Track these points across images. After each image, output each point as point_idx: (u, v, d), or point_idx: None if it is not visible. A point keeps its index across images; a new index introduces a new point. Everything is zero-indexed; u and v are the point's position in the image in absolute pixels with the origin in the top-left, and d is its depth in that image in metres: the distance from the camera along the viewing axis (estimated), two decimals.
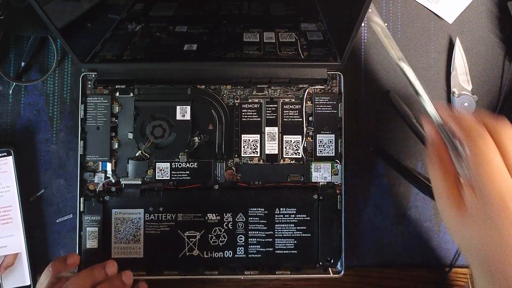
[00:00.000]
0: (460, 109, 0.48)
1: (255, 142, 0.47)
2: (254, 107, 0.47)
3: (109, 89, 0.47)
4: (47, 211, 0.48)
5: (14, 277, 0.46)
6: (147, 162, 0.46)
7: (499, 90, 0.50)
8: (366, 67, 0.50)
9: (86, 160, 0.46)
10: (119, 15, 0.50)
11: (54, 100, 0.49)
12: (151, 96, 0.47)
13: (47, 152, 0.48)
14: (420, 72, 0.50)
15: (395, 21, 0.50)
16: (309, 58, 0.46)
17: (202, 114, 0.47)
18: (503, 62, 0.50)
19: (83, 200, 0.46)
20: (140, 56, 0.46)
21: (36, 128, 0.49)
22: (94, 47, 0.46)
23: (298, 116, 0.47)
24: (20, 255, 0.46)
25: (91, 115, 0.46)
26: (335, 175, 0.47)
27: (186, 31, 0.49)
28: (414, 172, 0.48)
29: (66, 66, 0.49)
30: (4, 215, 0.46)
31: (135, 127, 0.46)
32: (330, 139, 0.47)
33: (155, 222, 0.46)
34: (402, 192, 0.49)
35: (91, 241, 0.45)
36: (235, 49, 0.47)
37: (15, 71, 0.49)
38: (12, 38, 0.49)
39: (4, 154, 0.46)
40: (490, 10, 0.50)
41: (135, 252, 0.46)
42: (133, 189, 0.46)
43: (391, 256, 0.48)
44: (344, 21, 0.42)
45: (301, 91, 0.48)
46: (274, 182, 0.47)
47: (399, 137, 0.49)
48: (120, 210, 0.46)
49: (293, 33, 0.49)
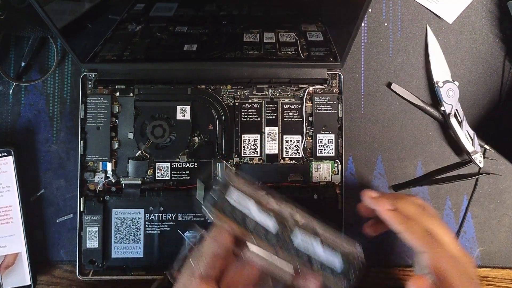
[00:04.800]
0: (446, 98, 0.48)
1: (255, 142, 0.47)
2: (254, 107, 0.47)
3: (109, 89, 0.47)
4: (47, 211, 0.48)
5: (14, 277, 0.46)
6: (147, 162, 0.46)
7: (499, 90, 0.50)
8: (366, 67, 0.50)
9: (86, 160, 0.46)
10: (119, 15, 0.50)
11: (54, 100, 0.49)
12: (151, 96, 0.47)
13: (47, 152, 0.48)
14: (420, 72, 0.50)
15: (395, 21, 0.50)
16: (309, 58, 0.46)
17: (202, 114, 0.47)
18: (503, 62, 0.50)
19: (83, 200, 0.46)
20: (140, 56, 0.46)
21: (36, 128, 0.49)
22: (94, 47, 0.46)
23: (298, 116, 0.47)
24: (20, 255, 0.46)
25: (91, 115, 0.46)
26: (335, 175, 0.47)
27: (186, 31, 0.49)
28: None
29: (66, 66, 0.49)
30: (4, 215, 0.46)
31: (135, 127, 0.46)
32: (330, 139, 0.47)
33: (155, 222, 0.46)
34: (402, 192, 0.49)
35: (91, 241, 0.45)
36: (235, 49, 0.47)
37: (15, 71, 0.49)
38: (12, 38, 0.49)
39: (4, 154, 0.46)
40: (490, 10, 0.50)
41: (135, 252, 0.46)
42: (133, 189, 0.46)
43: (391, 256, 0.48)
44: (344, 21, 0.42)
45: (301, 91, 0.48)
46: (274, 182, 0.47)
47: (399, 137, 0.49)
48: (120, 210, 0.46)
49: (293, 33, 0.49)
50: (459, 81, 0.49)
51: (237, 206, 0.33)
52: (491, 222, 0.49)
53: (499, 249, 0.49)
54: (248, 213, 0.33)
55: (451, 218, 0.49)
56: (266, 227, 0.33)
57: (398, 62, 0.50)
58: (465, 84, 0.50)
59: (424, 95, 0.50)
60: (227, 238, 0.33)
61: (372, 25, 0.50)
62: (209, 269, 0.32)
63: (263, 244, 0.33)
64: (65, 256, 0.48)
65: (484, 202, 0.49)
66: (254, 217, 0.33)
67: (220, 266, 0.33)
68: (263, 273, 0.33)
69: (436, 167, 0.49)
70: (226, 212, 0.32)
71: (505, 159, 0.49)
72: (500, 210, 0.49)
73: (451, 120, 0.48)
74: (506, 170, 0.50)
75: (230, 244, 0.33)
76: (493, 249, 0.49)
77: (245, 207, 0.33)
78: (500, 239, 0.49)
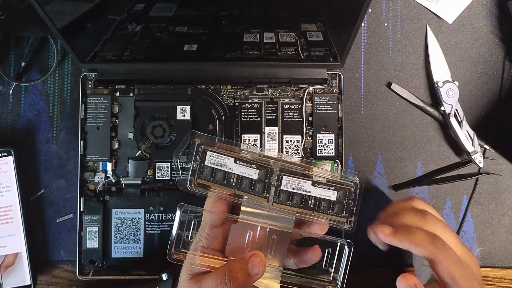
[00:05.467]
0: (446, 98, 0.48)
1: (255, 142, 0.47)
2: (254, 107, 0.47)
3: (109, 89, 0.47)
4: (47, 211, 0.48)
5: (14, 277, 0.46)
6: (147, 162, 0.46)
7: (499, 90, 0.50)
8: (366, 67, 0.50)
9: (86, 160, 0.46)
10: (119, 15, 0.50)
11: (54, 100, 0.49)
12: (151, 96, 0.47)
13: (47, 152, 0.48)
14: (420, 72, 0.50)
15: (395, 21, 0.50)
16: (309, 58, 0.46)
17: (202, 114, 0.47)
18: (503, 62, 0.50)
19: (83, 200, 0.46)
20: (140, 56, 0.46)
21: (36, 128, 0.49)
22: (94, 47, 0.46)
23: (298, 116, 0.47)
24: (20, 255, 0.46)
25: (91, 115, 0.46)
26: None
27: (186, 31, 0.49)
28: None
29: (66, 66, 0.49)
30: (4, 215, 0.46)
31: (135, 127, 0.46)
32: (330, 139, 0.47)
33: (155, 222, 0.46)
34: (402, 192, 0.49)
35: (91, 241, 0.45)
36: (235, 49, 0.47)
37: (15, 71, 0.49)
38: (12, 38, 0.49)
39: (4, 154, 0.46)
40: (490, 10, 0.50)
41: (135, 252, 0.46)
42: (133, 189, 0.46)
43: (391, 256, 0.48)
44: (344, 21, 0.42)
45: (301, 91, 0.48)
46: None
47: (399, 137, 0.49)
48: (120, 210, 0.46)
49: (293, 33, 0.49)
50: (459, 81, 0.49)
51: (216, 167, 0.33)
52: (491, 222, 0.49)
53: (499, 249, 0.49)
54: (229, 170, 0.33)
55: (451, 218, 0.49)
56: (249, 176, 0.33)
57: (398, 62, 0.50)
58: (465, 84, 0.50)
59: (424, 95, 0.50)
60: (220, 205, 0.33)
61: (372, 25, 0.50)
62: (211, 240, 0.33)
63: (255, 199, 0.33)
64: (65, 256, 0.48)
65: (484, 202, 0.49)
66: (235, 172, 0.33)
67: (221, 235, 0.33)
68: (265, 231, 0.33)
69: (436, 167, 0.49)
70: (207, 177, 0.33)
71: (505, 159, 0.49)
72: (500, 210, 0.49)
73: (451, 120, 0.48)
74: (506, 170, 0.50)
75: (225, 210, 0.33)
76: (493, 249, 0.49)
77: (224, 166, 0.33)
78: (500, 239, 0.49)
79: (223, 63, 0.46)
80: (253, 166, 0.33)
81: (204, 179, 0.33)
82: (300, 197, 0.33)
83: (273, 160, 0.34)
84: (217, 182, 0.33)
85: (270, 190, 0.33)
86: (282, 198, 0.33)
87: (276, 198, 0.33)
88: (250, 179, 0.33)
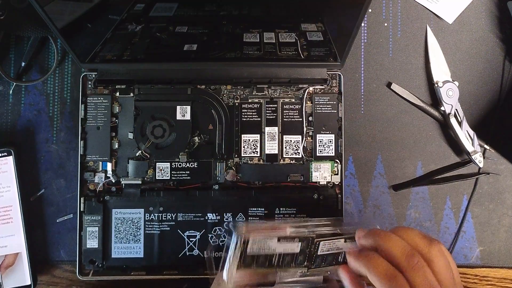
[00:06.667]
0: (446, 98, 0.48)
1: (255, 142, 0.47)
2: (254, 107, 0.47)
3: (109, 89, 0.47)
4: (47, 211, 0.48)
5: (14, 277, 0.46)
6: (147, 162, 0.46)
7: (499, 90, 0.50)
8: (366, 67, 0.50)
9: (86, 160, 0.46)
10: (119, 16, 0.50)
11: (55, 100, 0.49)
12: (151, 96, 0.47)
13: (47, 152, 0.48)
14: (420, 72, 0.50)
15: (395, 21, 0.50)
16: (309, 58, 0.46)
17: (202, 114, 0.47)
18: (503, 62, 0.50)
19: (83, 200, 0.46)
20: (140, 56, 0.46)
21: (36, 128, 0.49)
22: (94, 47, 0.46)
23: (298, 116, 0.47)
24: (20, 255, 0.46)
25: (91, 115, 0.46)
26: (335, 175, 0.47)
27: (186, 31, 0.49)
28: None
29: (66, 66, 0.49)
30: (4, 215, 0.46)
31: (135, 127, 0.46)
32: (330, 139, 0.47)
33: (155, 222, 0.46)
34: (402, 192, 0.49)
35: (91, 241, 0.45)
36: (235, 49, 0.47)
37: (15, 71, 0.49)
38: (12, 38, 0.49)
39: (4, 154, 0.46)
40: (490, 10, 0.50)
41: (135, 252, 0.46)
42: (133, 189, 0.46)
43: None
44: (344, 21, 0.42)
45: (301, 91, 0.48)
46: (274, 182, 0.47)
47: (399, 137, 0.49)
48: (120, 210, 0.46)
49: (293, 33, 0.49)
50: (459, 81, 0.49)
51: (258, 252, 0.32)
52: (491, 222, 0.49)
53: (499, 249, 0.49)
54: (271, 251, 0.32)
55: (451, 218, 0.49)
56: (291, 251, 0.32)
57: (398, 62, 0.50)
58: (465, 84, 0.50)
59: (424, 95, 0.50)
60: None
61: (372, 25, 0.50)
62: None
63: (290, 271, 0.33)
64: (65, 256, 0.48)
65: (484, 202, 0.49)
66: (278, 251, 0.32)
67: None
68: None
69: (436, 167, 0.49)
70: (248, 265, 0.32)
71: (505, 159, 0.50)
72: (500, 210, 0.49)
73: (451, 120, 0.48)
74: (506, 170, 0.50)
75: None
76: (493, 249, 0.49)
77: (267, 248, 0.32)
78: (500, 239, 0.49)
79: (223, 63, 0.46)
80: (296, 240, 0.32)
81: (246, 267, 0.32)
82: (333, 255, 0.33)
83: (307, 230, 0.33)
84: (259, 267, 0.32)
85: (312, 258, 0.33)
86: (318, 262, 0.33)
87: (311, 263, 0.33)
88: (292, 254, 0.32)
